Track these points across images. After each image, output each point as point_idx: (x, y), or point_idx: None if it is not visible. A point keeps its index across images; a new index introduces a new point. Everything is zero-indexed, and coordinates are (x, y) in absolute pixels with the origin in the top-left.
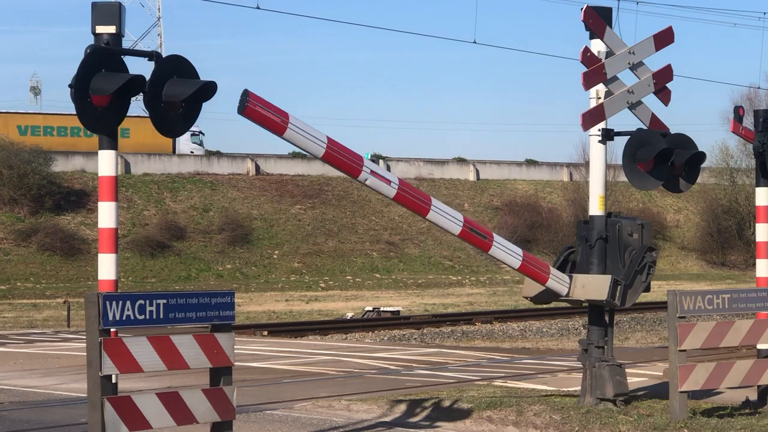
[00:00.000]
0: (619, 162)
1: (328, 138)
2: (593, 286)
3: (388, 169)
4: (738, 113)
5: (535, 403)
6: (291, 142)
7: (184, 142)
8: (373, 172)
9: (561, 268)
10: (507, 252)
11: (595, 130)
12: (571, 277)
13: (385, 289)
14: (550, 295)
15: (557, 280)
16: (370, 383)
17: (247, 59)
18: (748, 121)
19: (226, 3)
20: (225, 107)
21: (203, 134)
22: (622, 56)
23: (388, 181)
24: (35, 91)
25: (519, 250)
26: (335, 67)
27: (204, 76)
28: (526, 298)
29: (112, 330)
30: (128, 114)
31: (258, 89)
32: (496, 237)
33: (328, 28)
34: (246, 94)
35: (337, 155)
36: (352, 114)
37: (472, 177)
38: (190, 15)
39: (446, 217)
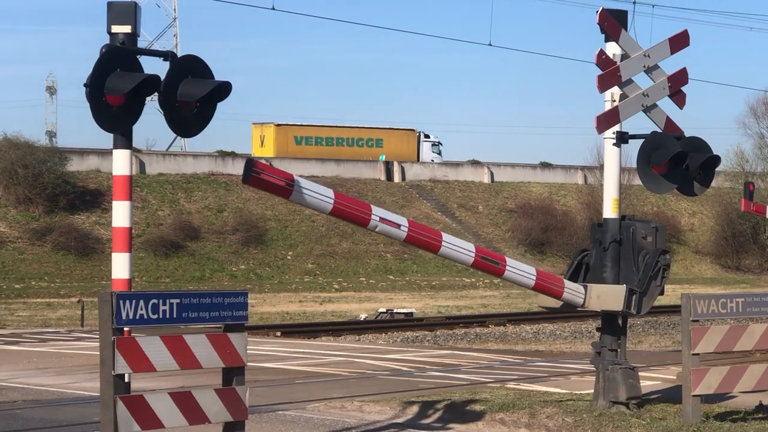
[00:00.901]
0: (634, 165)
1: (335, 193)
2: (608, 296)
3: (403, 171)
4: (748, 189)
5: (547, 405)
6: (298, 203)
7: (426, 152)
8: (382, 219)
9: (575, 271)
10: (520, 274)
11: (610, 132)
12: (585, 287)
13: (399, 291)
14: (566, 306)
15: (572, 293)
16: (383, 384)
17: (262, 60)
18: (764, 125)
19: (242, 4)
20: (239, 107)
21: (441, 144)
22: (638, 59)
23: (398, 225)
24: (51, 90)
25: (532, 270)
26: (349, 69)
27: (219, 76)
28: (542, 307)
29: (125, 329)
30: (381, 126)
31: (272, 90)
32: (508, 261)
33: (343, 29)
34: (250, 163)
35: (345, 208)
36: (366, 116)
37: (486, 179)
38: (205, 16)
39: (458, 250)
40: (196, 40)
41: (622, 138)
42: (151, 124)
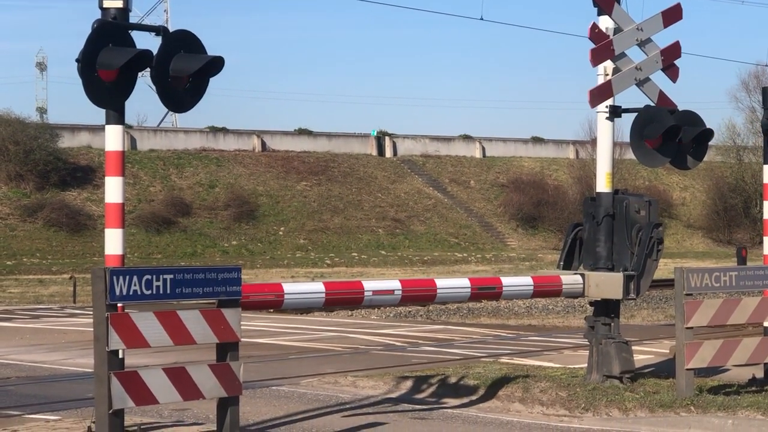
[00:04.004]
0: (626, 139)
1: (325, 284)
2: (607, 285)
3: (394, 146)
4: (741, 255)
5: (541, 380)
6: (292, 308)
7: None
8: (374, 292)
9: (571, 246)
10: (518, 289)
11: (603, 106)
12: (583, 276)
13: (391, 266)
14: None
15: (570, 287)
16: (376, 359)
17: (254, 35)
18: (755, 98)
19: None
20: (232, 83)
21: None
22: (630, 33)
23: (391, 291)
24: (41, 67)
25: (528, 280)
26: (342, 44)
27: (211, 51)
28: None
29: (119, 305)
30: None
31: (265, 65)
32: (504, 280)
33: (336, 4)
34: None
35: (337, 296)
36: (358, 91)
37: (478, 154)
38: None
39: (453, 292)
40: (186, 16)
41: (615, 112)
42: (142, 99)
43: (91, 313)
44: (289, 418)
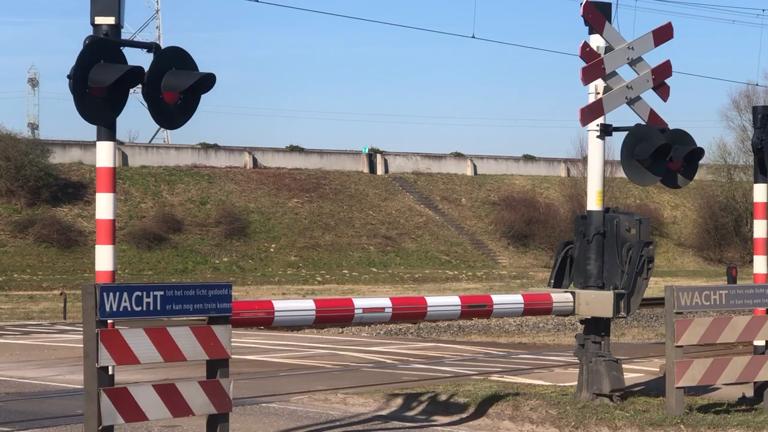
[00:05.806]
0: (617, 158)
1: (315, 301)
2: (597, 303)
3: (386, 164)
4: (731, 275)
5: (531, 397)
6: (283, 326)
7: None
8: (365, 310)
9: (562, 264)
10: (508, 307)
11: (594, 125)
12: (573, 294)
13: (382, 284)
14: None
15: (561, 305)
16: (367, 377)
17: (246, 52)
18: (746, 117)
19: None
20: (223, 100)
21: None
22: (621, 52)
23: (382, 309)
24: (33, 82)
25: (518, 298)
26: (333, 61)
27: (202, 68)
28: None
29: (109, 321)
30: None
31: (256, 82)
32: (494, 298)
33: (327, 22)
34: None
35: (328, 314)
36: (349, 108)
37: (469, 172)
38: (188, 8)
39: (443, 309)
40: (178, 33)
41: (606, 130)
42: (134, 116)
43: (81, 329)
44: None
